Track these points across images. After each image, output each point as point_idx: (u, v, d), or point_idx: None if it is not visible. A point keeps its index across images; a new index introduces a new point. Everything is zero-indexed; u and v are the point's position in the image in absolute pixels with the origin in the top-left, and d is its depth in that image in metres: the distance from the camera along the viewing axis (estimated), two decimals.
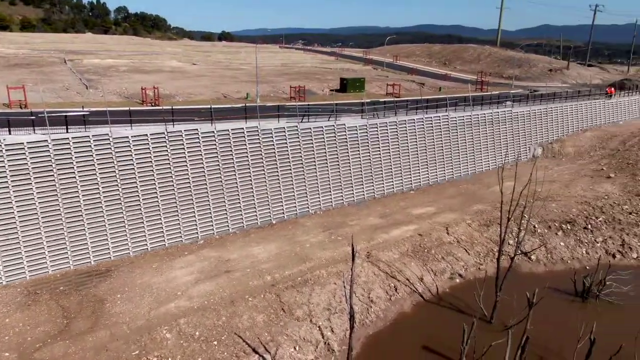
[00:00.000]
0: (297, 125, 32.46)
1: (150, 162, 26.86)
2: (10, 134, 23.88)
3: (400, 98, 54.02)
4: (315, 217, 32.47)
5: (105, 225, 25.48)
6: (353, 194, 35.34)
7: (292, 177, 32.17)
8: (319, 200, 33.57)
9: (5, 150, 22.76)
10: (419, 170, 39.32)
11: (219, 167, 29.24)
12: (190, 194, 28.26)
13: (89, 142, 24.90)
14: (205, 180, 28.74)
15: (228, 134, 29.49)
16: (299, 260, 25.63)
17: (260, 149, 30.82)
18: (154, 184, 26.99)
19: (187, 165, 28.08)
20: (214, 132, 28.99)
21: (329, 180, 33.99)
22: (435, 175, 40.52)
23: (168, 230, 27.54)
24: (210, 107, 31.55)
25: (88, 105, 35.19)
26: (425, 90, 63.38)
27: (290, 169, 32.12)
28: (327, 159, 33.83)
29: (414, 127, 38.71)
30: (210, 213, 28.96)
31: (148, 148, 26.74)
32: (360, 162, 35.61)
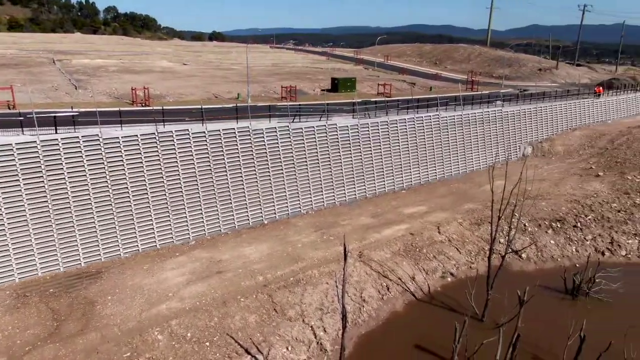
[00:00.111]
0: (288, 125, 32.43)
1: (141, 162, 26.68)
2: None
3: (392, 98, 54.21)
4: (307, 217, 32.46)
5: (96, 227, 25.27)
6: (345, 194, 35.38)
7: (283, 177, 32.12)
8: (311, 200, 33.56)
9: None
10: (411, 170, 39.46)
11: (210, 167, 29.13)
12: (182, 195, 28.12)
13: (79, 143, 24.67)
14: (197, 181, 28.62)
15: (219, 134, 29.38)
16: (291, 261, 25.60)
17: (252, 149, 30.75)
18: (145, 185, 26.82)
19: (178, 166, 27.94)
20: (205, 132, 28.87)
21: (321, 180, 33.99)
22: (427, 175, 40.68)
23: (159, 231, 27.38)
24: (201, 107, 31.44)
25: (77, 106, 34.87)
26: (416, 90, 63.61)
27: (282, 169, 32.07)
28: (318, 159, 33.83)
29: (405, 126, 38.84)
30: (202, 213, 28.84)
31: (139, 149, 26.56)
32: (352, 161, 35.65)
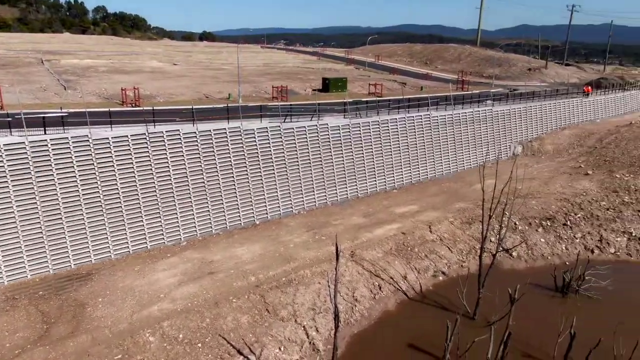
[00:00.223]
0: (279, 125, 32.38)
1: (131, 163, 26.49)
2: None
3: (383, 97, 54.33)
4: (299, 217, 32.44)
5: (86, 228, 25.05)
6: (336, 194, 35.40)
7: (275, 177, 32.07)
8: (303, 200, 33.54)
9: None
10: (402, 169, 39.58)
11: (201, 167, 29.00)
12: (173, 195, 27.96)
13: (68, 143, 24.45)
14: (188, 181, 28.48)
15: (210, 135, 29.26)
16: (283, 261, 25.57)
17: (243, 150, 30.66)
18: (135, 186, 26.63)
19: (168, 166, 27.78)
20: (196, 132, 28.73)
21: (313, 180, 33.98)
22: (418, 174, 40.83)
23: (150, 232, 27.20)
24: (192, 107, 31.31)
25: (66, 107, 34.54)
26: (407, 90, 63.81)
27: (274, 169, 32.02)
28: (310, 159, 33.82)
29: (396, 126, 38.96)
30: (193, 214, 28.70)
31: (129, 149, 26.37)
32: (344, 161, 35.68)
